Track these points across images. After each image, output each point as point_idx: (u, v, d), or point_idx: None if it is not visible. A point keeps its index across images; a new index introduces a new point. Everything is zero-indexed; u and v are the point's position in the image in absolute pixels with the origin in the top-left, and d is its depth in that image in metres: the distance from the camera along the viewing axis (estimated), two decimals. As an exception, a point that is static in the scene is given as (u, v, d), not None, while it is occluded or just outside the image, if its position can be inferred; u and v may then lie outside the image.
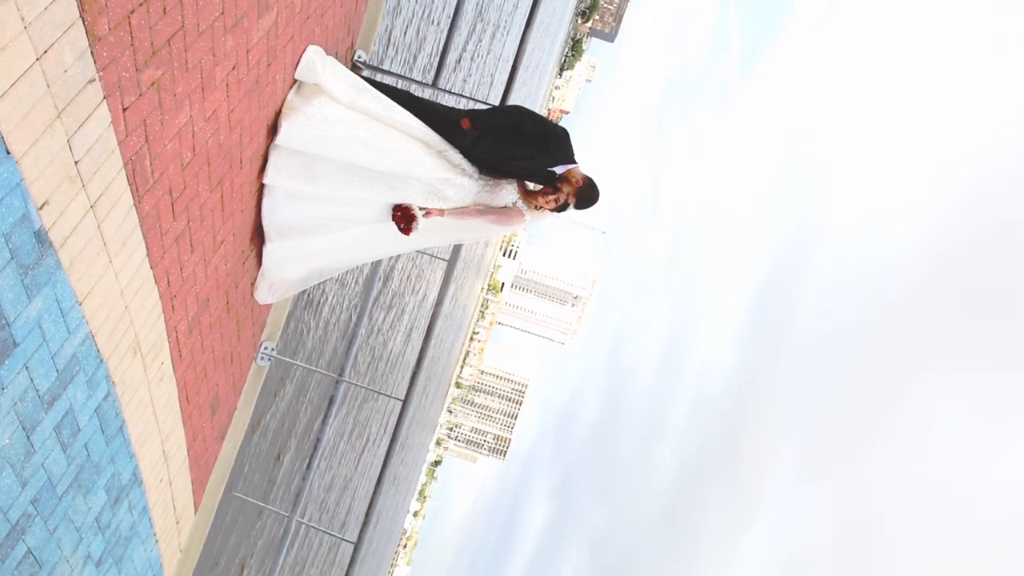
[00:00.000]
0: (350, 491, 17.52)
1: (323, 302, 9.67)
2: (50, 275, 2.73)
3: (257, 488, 8.08)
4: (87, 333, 3.11)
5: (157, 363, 3.97)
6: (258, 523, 9.06)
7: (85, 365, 3.17)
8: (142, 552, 4.72)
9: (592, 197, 5.01)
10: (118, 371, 3.51)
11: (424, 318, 21.57)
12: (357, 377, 11.86)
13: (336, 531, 13.06)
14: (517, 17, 24.14)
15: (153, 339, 3.80)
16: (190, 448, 5.03)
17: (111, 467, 3.81)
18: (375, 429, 19.18)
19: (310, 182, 4.61)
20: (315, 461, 6.11)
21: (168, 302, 3.82)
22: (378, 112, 4.67)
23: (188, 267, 3.95)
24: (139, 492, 4.35)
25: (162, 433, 4.40)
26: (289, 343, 7.54)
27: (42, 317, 2.77)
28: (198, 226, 3.91)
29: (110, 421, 3.58)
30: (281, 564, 5.63)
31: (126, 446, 3.90)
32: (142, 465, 4.23)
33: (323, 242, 4.96)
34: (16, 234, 2.47)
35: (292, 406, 9.20)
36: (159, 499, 4.75)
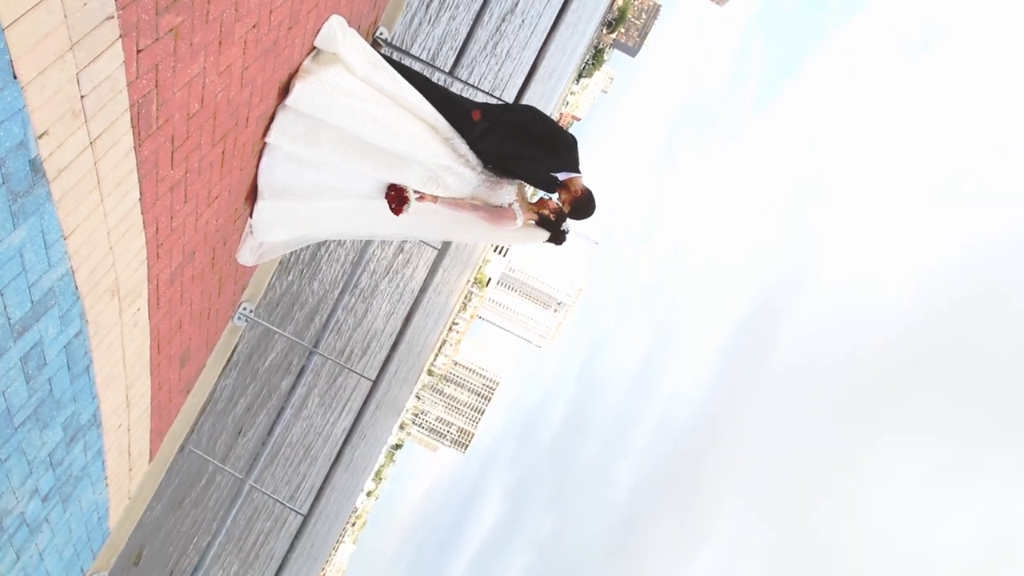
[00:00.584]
0: (307, 463, 17.46)
1: (308, 272, 9.62)
2: (39, 205, 2.70)
3: (214, 447, 8.04)
4: (68, 269, 3.08)
5: (133, 308, 3.94)
6: (211, 482, 9.01)
7: (61, 300, 3.15)
8: (90, 494, 4.69)
9: (588, 209, 5.01)
10: (93, 311, 3.48)
11: (406, 302, 21.52)
12: (331, 351, 11.84)
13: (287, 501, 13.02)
14: (545, 16, 24.06)
15: (133, 284, 3.77)
16: (154, 397, 5.00)
17: (72, 405, 3.78)
18: (341, 405, 19.12)
19: (312, 147, 4.59)
20: (276, 429, 6.09)
21: (154, 249, 3.80)
22: (391, 90, 4.65)
23: (179, 217, 3.92)
24: (96, 434, 4.32)
25: (128, 379, 4.37)
26: (268, 308, 7.50)
27: (25, 246, 2.74)
28: (195, 178, 3.88)
29: (78, 359, 3.55)
30: (228, 525, 5.60)
31: (90, 387, 3.87)
32: (103, 408, 4.19)
33: (313, 209, 4.94)
34: (11, 160, 2.45)
35: (261, 371, 9.16)
36: (115, 444, 4.71)
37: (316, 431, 17.06)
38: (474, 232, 5.24)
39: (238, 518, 10.87)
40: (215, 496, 9.61)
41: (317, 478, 19.27)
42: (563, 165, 4.95)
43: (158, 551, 8.11)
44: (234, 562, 14.20)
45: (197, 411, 6.06)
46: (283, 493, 14.63)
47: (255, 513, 13.18)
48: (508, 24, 18.26)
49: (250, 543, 15.07)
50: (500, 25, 16.91)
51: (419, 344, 45.08)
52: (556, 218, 5.08)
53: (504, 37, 18.37)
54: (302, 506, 17.24)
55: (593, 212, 5.02)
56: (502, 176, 4.97)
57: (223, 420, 8.17)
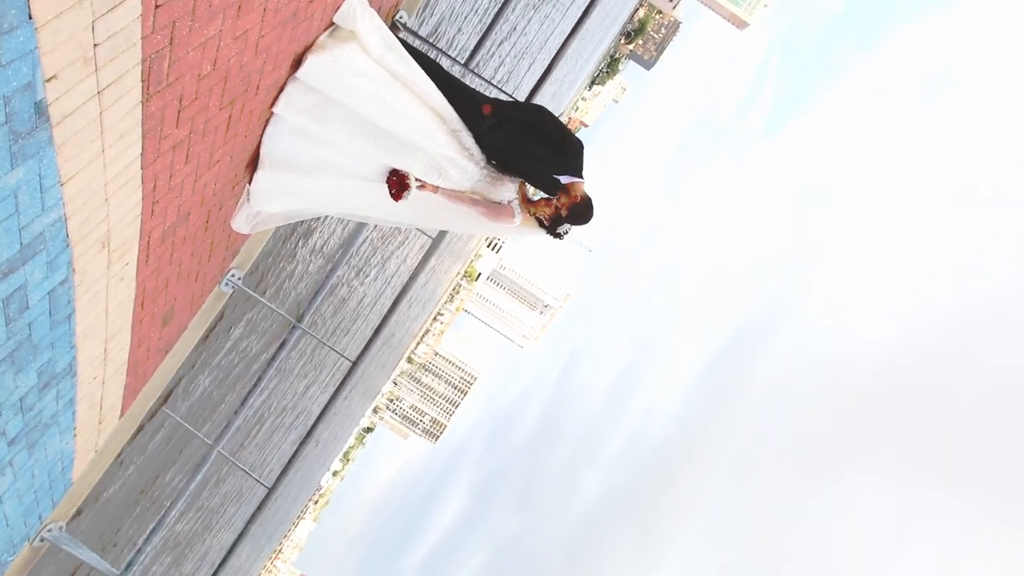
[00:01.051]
0: (278, 436, 17.42)
1: (300, 246, 9.59)
2: (39, 148, 2.68)
3: (186, 411, 8.01)
4: (61, 215, 3.06)
5: (122, 262, 3.92)
6: (180, 444, 8.97)
7: (51, 246, 3.12)
8: (57, 443, 4.66)
9: (586, 216, 5.01)
10: (81, 260, 3.46)
11: (395, 287, 21.47)
12: (314, 328, 11.78)
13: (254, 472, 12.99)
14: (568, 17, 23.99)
15: (124, 238, 3.75)
16: (132, 353, 4.98)
17: (49, 352, 3.75)
18: (318, 383, 19.06)
19: (318, 123, 4.57)
20: (251, 399, 6.07)
21: (149, 206, 3.78)
22: (403, 75, 4.64)
23: (178, 177, 3.91)
24: (70, 383, 4.30)
25: (108, 332, 4.35)
26: (256, 277, 7.48)
27: (20, 187, 2.72)
28: (198, 140, 3.86)
29: (61, 307, 3.52)
30: (192, 489, 5.59)
31: (70, 336, 3.84)
32: (80, 358, 4.17)
33: (313, 184, 4.92)
34: (17, 100, 2.43)
35: (243, 340, 9.13)
36: (88, 395, 4.69)
37: (290, 406, 17.02)
38: (471, 225, 5.23)
39: (203, 483, 10.83)
40: (183, 459, 9.57)
41: (286, 452, 19.24)
42: (568, 169, 4.94)
43: (120, 505, 8.08)
44: (195, 526, 14.16)
45: (174, 372, 6.04)
46: (250, 463, 14.60)
47: (220, 480, 13.15)
48: (529, 21, 18.22)
49: (212, 510, 15.03)
50: (521, 22, 16.88)
51: (402, 330, 45.02)
52: (553, 221, 5.08)
53: (524, 34, 18.33)
54: (268, 478, 17.19)
55: (591, 219, 5.02)
56: (504, 173, 4.97)
57: (198, 385, 8.14)
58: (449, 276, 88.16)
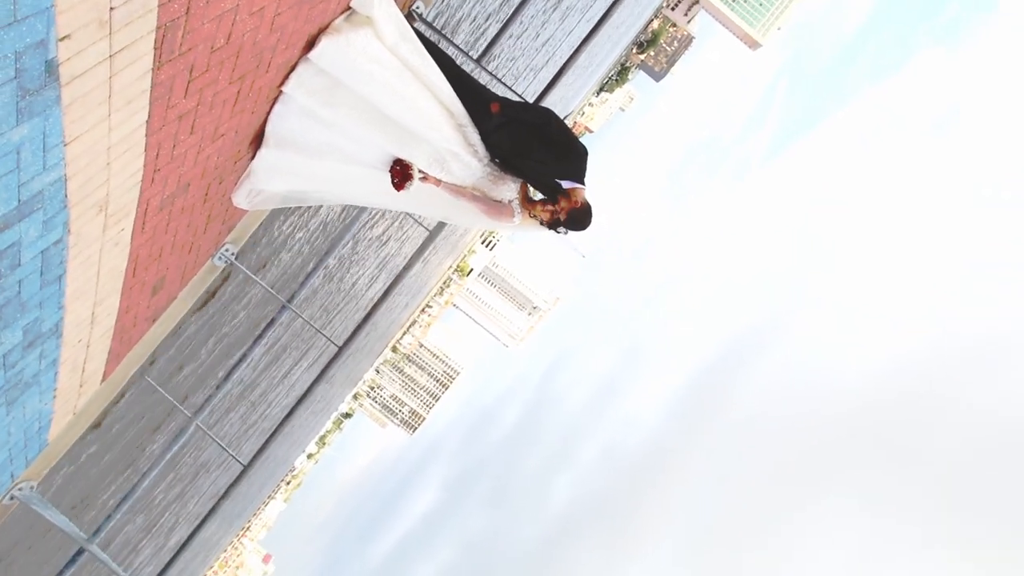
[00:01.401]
0: (257, 414, 17.36)
1: (298, 227, 9.56)
2: (46, 107, 2.67)
3: (169, 381, 7.98)
4: (62, 176, 3.05)
5: (118, 228, 3.90)
6: (160, 414, 8.95)
7: (48, 205, 3.11)
8: (36, 402, 4.64)
9: (584, 222, 5.01)
10: (78, 222, 3.44)
11: (388, 276, 21.43)
12: (303, 309, 11.74)
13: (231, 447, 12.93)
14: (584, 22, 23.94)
15: (123, 204, 3.74)
16: (119, 319, 4.96)
17: (37, 311, 3.73)
18: (303, 365, 19.01)
19: (326, 106, 4.57)
20: (234, 375, 6.06)
21: (150, 174, 3.76)
22: (415, 65, 4.63)
23: (181, 147, 3.89)
24: (55, 344, 4.28)
25: (98, 296, 4.33)
26: (250, 254, 7.45)
27: (23, 144, 2.71)
28: (205, 112, 3.85)
29: (53, 267, 3.51)
30: (168, 459, 5.57)
31: (59, 296, 3.83)
32: (67, 320, 4.15)
33: (316, 167, 4.91)
34: (28, 56, 2.42)
35: (231, 315, 9.10)
36: (72, 357, 4.67)
37: (273, 385, 16.97)
38: (470, 219, 5.24)
39: (179, 454, 10.81)
40: (161, 429, 9.54)
41: (264, 431, 19.18)
42: (570, 173, 4.95)
43: (94, 471, 8.05)
44: (168, 497, 14.12)
45: (159, 341, 6.02)
46: (227, 439, 14.56)
47: (197, 453, 13.11)
48: (545, 23, 18.19)
49: (186, 482, 14.99)
50: (537, 22, 16.85)
51: (390, 319, 44.97)
52: (550, 224, 5.08)
53: (539, 35, 18.30)
54: (244, 455, 17.12)
55: (588, 226, 5.03)
56: (507, 173, 4.97)
57: (182, 356, 8.12)
58: (441, 269, 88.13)
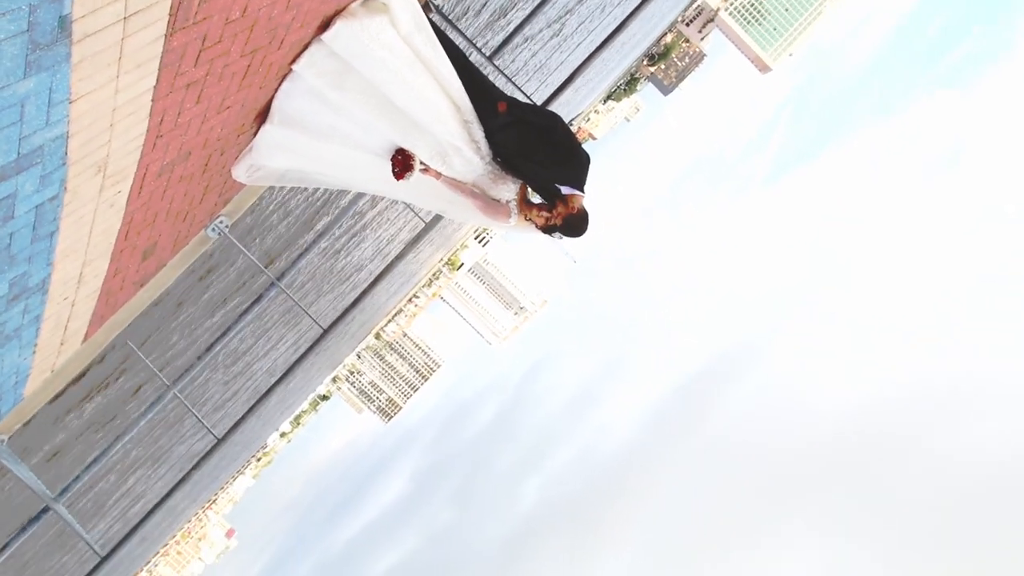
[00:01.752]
0: (234, 390, 17.29)
1: (295, 206, 9.54)
2: (55, 63, 2.65)
3: (150, 348, 7.94)
4: (64, 132, 3.03)
5: (115, 190, 3.88)
6: (138, 379, 8.91)
7: (48, 161, 3.09)
8: (16, 356, 4.62)
9: (580, 229, 5.00)
10: (75, 181, 3.42)
11: (380, 263, 21.39)
12: (292, 288, 11.73)
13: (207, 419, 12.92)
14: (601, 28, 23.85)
15: (122, 166, 3.72)
16: (106, 281, 4.94)
17: (25, 265, 3.71)
18: (285, 344, 18.94)
19: (335, 89, 4.55)
20: (216, 347, 6.03)
21: (152, 139, 3.75)
22: (427, 57, 4.63)
23: (186, 116, 3.88)
24: (40, 300, 4.26)
25: (87, 256, 4.31)
26: (245, 228, 7.43)
27: (28, 97, 2.69)
28: (214, 82, 3.84)
29: (46, 223, 3.49)
30: (142, 426, 5.55)
31: (49, 253, 3.81)
32: (55, 277, 4.13)
33: (318, 148, 4.90)
34: (42, 9, 2.40)
35: (219, 288, 9.06)
36: (55, 315, 4.65)
37: (254, 361, 16.91)
38: (466, 215, 5.23)
39: (153, 422, 10.76)
40: (138, 395, 9.50)
41: (240, 407, 19.13)
42: (571, 179, 4.94)
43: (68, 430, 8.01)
44: (139, 464, 14.07)
45: (144, 307, 5.99)
46: (204, 410, 14.52)
47: (171, 422, 13.05)
48: (562, 26, 18.17)
49: (158, 450, 14.93)
50: (554, 24, 16.83)
51: (376, 306, 44.91)
52: (545, 228, 5.07)
53: (553, 38, 18.26)
54: (218, 429, 17.05)
55: (584, 233, 5.03)
56: (508, 173, 4.96)
57: (167, 324, 8.08)
58: (432, 261, 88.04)
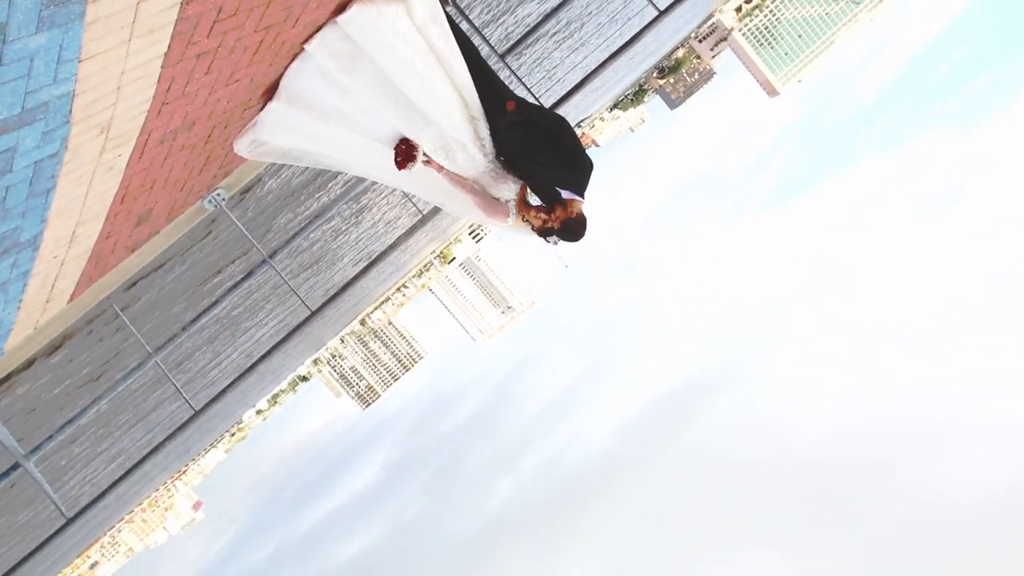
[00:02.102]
0: (216, 363, 17.21)
1: (295, 184, 9.51)
2: (68, 21, 2.64)
3: (136, 314, 7.90)
4: (70, 91, 3.01)
5: (115, 153, 3.87)
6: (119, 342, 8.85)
7: (51, 118, 3.08)
8: (0, 311, 4.59)
9: (577, 234, 4.99)
10: (77, 140, 3.40)
11: (373, 250, 21.33)
12: (283, 268, 11.68)
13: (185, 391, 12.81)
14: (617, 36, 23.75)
15: (125, 129, 3.70)
16: (98, 243, 4.91)
17: (18, 220, 3.69)
18: (272, 322, 18.88)
19: (345, 72, 4.54)
20: (202, 319, 6.01)
21: (158, 105, 3.73)
22: (440, 49, 4.62)
23: (194, 85, 3.87)
24: (30, 256, 4.23)
25: (82, 216, 4.29)
26: (242, 203, 7.40)
27: (38, 53, 2.68)
28: (225, 55, 3.83)
29: (43, 180, 3.47)
30: (119, 391, 5.52)
31: (43, 210, 3.79)
32: (47, 234, 4.11)
33: (322, 129, 4.89)
34: (60, -33, 2.39)
35: (210, 261, 9.02)
36: (44, 272, 4.62)
37: (239, 336, 16.84)
38: (463, 210, 5.22)
39: (133, 389, 10.71)
40: (119, 359, 9.44)
41: (221, 382, 19.04)
42: (572, 184, 4.93)
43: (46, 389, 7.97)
44: (114, 427, 14.00)
45: (134, 271, 5.96)
46: (183, 381, 14.45)
47: (150, 389, 12.99)
48: (578, 30, 18.13)
49: (135, 416, 14.87)
50: (570, 27, 16.80)
51: (365, 292, 44.81)
52: (542, 231, 5.07)
53: (567, 43, 18.21)
54: (196, 401, 16.91)
55: (581, 238, 5.02)
56: (509, 172, 4.96)
57: (154, 292, 8.04)
58: (424, 252, 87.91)
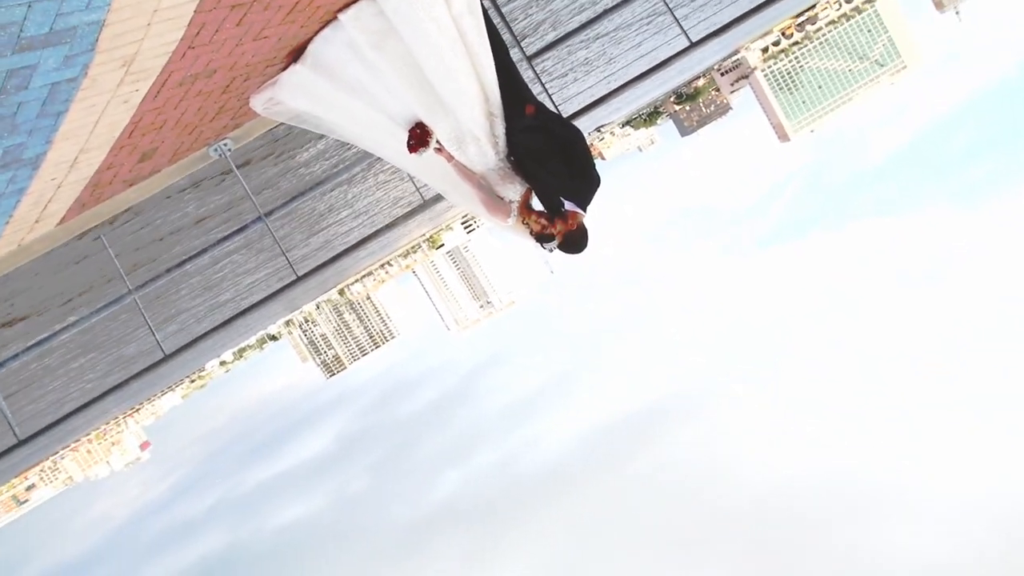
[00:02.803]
0: (192, 312, 17.10)
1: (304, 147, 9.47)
2: (113, -49, 2.63)
3: (122, 248, 7.84)
4: (100, 20, 3.00)
5: (132, 87, 3.85)
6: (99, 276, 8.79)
7: (77, 43, 3.06)
8: (-11, 224, 4.56)
9: (578, 246, 5.00)
10: (98, 69, 3.39)
11: (369, 226, 21.26)
12: (277, 228, 11.61)
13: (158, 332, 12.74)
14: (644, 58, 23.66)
15: (147, 67, 3.69)
16: (98, 172, 4.88)
17: (24, 137, 3.67)
18: (256, 279, 18.78)
19: (373, 48, 4.53)
20: (187, 266, 5.99)
21: (184, 48, 3.72)
22: (471, 42, 4.62)
23: (223, 34, 3.85)
24: (28, 174, 4.20)
25: (87, 144, 4.26)
26: (247, 156, 7.36)
27: (77, -23, 2.67)
28: (258, 10, 3.82)
29: (57, 103, 3.45)
30: (94, 322, 5.49)
31: (51, 131, 3.76)
32: (50, 156, 4.08)
33: (341, 100, 4.88)
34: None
35: (206, 208, 8.96)
36: (39, 192, 4.59)
37: (221, 288, 16.75)
38: (466, 202, 5.22)
39: (105, 321, 10.64)
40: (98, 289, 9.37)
41: (194, 329, 18.91)
42: (577, 196, 4.93)
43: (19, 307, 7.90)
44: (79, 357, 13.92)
45: (128, 205, 5.93)
46: (157, 322, 14.34)
47: (123, 324, 12.90)
48: (608, 46, 18.09)
49: (103, 349, 14.78)
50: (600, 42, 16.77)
51: (350, 265, 44.69)
52: (540, 237, 5.07)
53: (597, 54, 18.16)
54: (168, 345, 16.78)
55: (581, 251, 5.02)
56: (517, 173, 4.96)
57: (145, 230, 7.99)
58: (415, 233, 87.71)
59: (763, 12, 7.25)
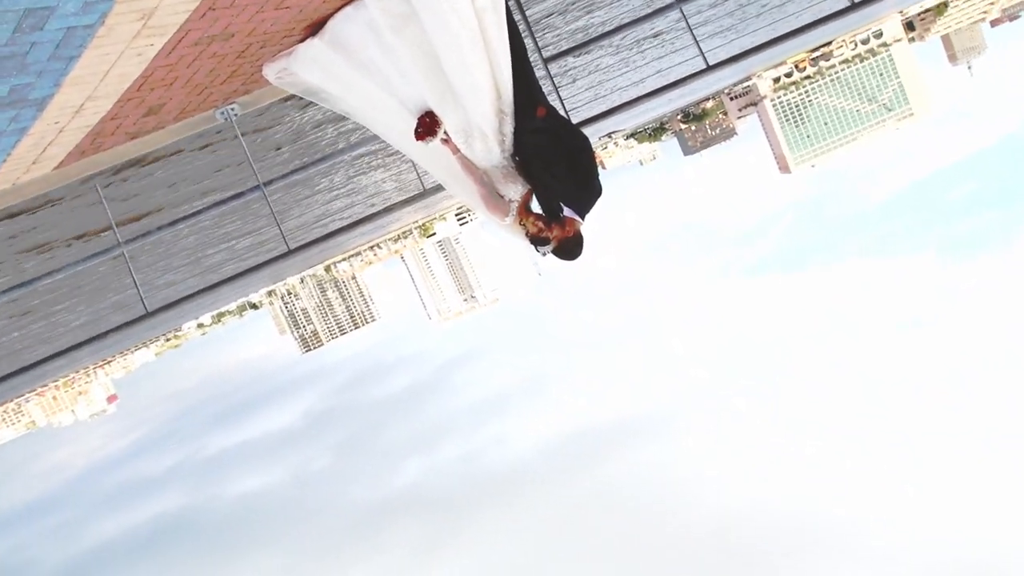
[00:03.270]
0: (180, 271, 16.98)
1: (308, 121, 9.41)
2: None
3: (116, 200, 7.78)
4: (125, -30, 2.98)
5: (148, 41, 3.82)
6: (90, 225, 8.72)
7: (99, -9, 3.04)
8: (-14, 158, 4.52)
9: (574, 252, 4.99)
10: (115, 19, 3.37)
11: (365, 208, 21.18)
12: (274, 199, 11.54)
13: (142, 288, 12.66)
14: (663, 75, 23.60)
15: (165, 22, 3.67)
16: (103, 121, 4.85)
17: (33, 78, 3.64)
18: (246, 247, 18.68)
19: (394, 32, 4.52)
20: (180, 225, 5.96)
21: (204, 9, 3.70)
22: (490, 37, 4.61)
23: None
24: (32, 114, 4.16)
25: (95, 92, 4.23)
26: (254, 123, 7.32)
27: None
28: (284, -20, 3.80)
29: (71, 48, 3.42)
30: (80, 271, 5.45)
31: (60, 75, 3.73)
32: (56, 99, 4.05)
33: (354, 80, 4.87)
34: None
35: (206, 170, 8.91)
36: (40, 133, 4.55)
37: (211, 250, 16.66)
38: (465, 196, 5.21)
39: (90, 271, 10.57)
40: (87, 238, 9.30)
41: (179, 290, 18.79)
42: (577, 203, 4.93)
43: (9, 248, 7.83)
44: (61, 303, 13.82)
45: (127, 158, 5.89)
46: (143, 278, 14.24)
47: (108, 276, 12.82)
48: (626, 59, 18.07)
49: (85, 297, 14.67)
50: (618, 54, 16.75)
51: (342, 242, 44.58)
52: (535, 239, 5.06)
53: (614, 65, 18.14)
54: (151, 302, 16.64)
55: (576, 257, 5.01)
56: (520, 173, 4.96)
57: (141, 185, 7.94)
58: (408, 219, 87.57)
59: (781, 44, 7.27)
